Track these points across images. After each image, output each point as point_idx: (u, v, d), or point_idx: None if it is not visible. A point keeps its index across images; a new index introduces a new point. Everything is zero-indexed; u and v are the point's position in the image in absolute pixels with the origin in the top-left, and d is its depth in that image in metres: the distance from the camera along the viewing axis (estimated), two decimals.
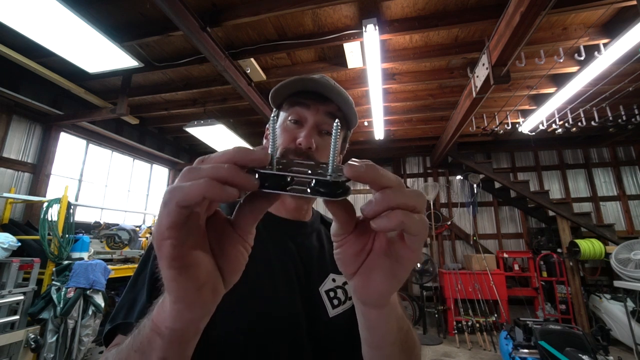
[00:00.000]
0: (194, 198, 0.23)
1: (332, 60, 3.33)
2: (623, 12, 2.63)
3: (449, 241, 5.97)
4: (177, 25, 2.32)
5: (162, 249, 0.24)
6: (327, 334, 0.54)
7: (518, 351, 2.96)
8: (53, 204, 2.91)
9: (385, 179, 0.27)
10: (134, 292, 0.52)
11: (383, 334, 0.38)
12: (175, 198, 0.23)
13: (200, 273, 0.26)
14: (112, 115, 3.60)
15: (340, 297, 0.58)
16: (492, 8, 2.54)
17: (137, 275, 0.54)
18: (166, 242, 0.24)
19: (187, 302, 0.26)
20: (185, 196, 0.23)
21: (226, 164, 0.24)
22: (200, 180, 0.23)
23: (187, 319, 0.27)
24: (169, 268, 0.25)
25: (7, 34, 2.62)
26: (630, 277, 3.62)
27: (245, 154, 0.25)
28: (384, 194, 0.26)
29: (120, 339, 0.48)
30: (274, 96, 0.65)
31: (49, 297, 2.59)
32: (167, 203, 0.23)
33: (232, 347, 0.49)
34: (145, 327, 0.31)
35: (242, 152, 0.25)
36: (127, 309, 0.49)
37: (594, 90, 3.36)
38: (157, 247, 0.25)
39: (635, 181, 5.48)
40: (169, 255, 0.24)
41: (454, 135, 4.45)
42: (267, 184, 0.26)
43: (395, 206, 0.26)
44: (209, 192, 0.23)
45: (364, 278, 0.31)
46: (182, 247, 0.24)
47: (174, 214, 0.23)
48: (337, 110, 0.63)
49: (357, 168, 0.26)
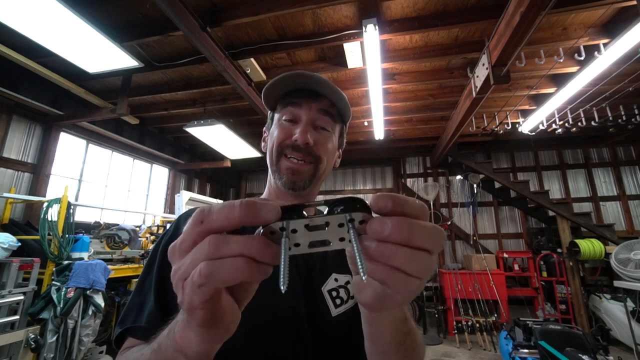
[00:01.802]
0: (233, 282, 0.23)
1: (332, 60, 3.33)
2: (623, 12, 2.63)
3: (449, 241, 5.97)
4: (177, 25, 2.32)
5: (194, 316, 0.25)
6: (330, 333, 0.54)
7: (518, 351, 2.96)
8: (53, 204, 2.91)
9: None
10: (141, 296, 0.53)
11: (380, 330, 0.39)
12: (213, 283, 0.22)
13: (226, 320, 0.27)
14: (112, 115, 3.60)
15: (342, 297, 0.58)
16: (492, 8, 2.54)
17: (142, 280, 0.55)
18: (199, 312, 0.24)
19: (214, 340, 0.28)
20: (225, 281, 0.22)
21: (253, 237, 0.23)
22: (237, 262, 0.22)
23: (212, 347, 0.29)
24: (199, 327, 0.26)
25: (7, 34, 2.62)
26: (630, 277, 3.62)
27: (257, 213, 0.23)
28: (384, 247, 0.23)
29: (131, 342, 0.49)
30: (267, 97, 0.65)
31: (49, 297, 2.58)
32: (202, 286, 0.23)
33: (234, 346, 0.49)
34: (169, 347, 0.31)
35: (253, 209, 0.23)
36: (136, 313, 0.50)
37: (594, 90, 3.36)
38: (188, 313, 0.26)
39: (635, 181, 5.48)
40: (201, 320, 0.25)
41: (454, 135, 4.45)
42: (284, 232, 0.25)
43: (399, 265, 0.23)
44: (248, 276, 0.23)
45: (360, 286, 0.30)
46: (213, 312, 0.25)
47: (209, 294, 0.23)
48: (330, 106, 0.63)
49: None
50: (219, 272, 0.22)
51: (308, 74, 0.60)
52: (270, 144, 0.64)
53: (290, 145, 0.60)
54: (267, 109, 0.69)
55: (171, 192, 5.82)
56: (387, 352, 0.41)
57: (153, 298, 0.51)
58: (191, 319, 0.26)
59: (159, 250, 0.57)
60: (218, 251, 0.23)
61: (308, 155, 0.60)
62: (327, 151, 0.63)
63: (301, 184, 0.61)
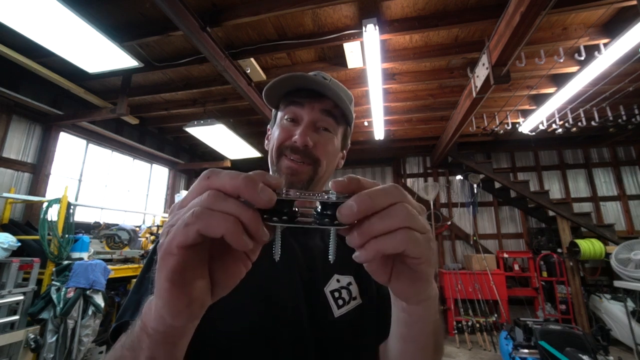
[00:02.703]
0: (216, 234, 0.23)
1: (332, 60, 3.33)
2: (623, 12, 2.63)
3: (449, 241, 5.97)
4: (177, 25, 2.32)
5: (165, 262, 0.25)
6: (332, 334, 0.54)
7: (518, 351, 2.96)
8: (53, 204, 2.91)
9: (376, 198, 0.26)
10: (139, 294, 0.52)
11: (422, 326, 0.39)
12: (198, 225, 0.23)
13: (194, 291, 0.27)
14: (112, 115, 3.60)
15: (344, 297, 0.58)
16: (492, 8, 2.54)
17: (141, 278, 0.55)
18: (172, 257, 0.25)
19: (173, 313, 0.27)
20: (209, 228, 0.23)
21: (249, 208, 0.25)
22: (227, 218, 0.24)
23: (170, 325, 0.28)
24: (166, 280, 0.25)
25: (7, 34, 2.62)
26: (630, 277, 3.62)
27: (254, 194, 0.25)
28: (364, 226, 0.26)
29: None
30: (268, 96, 0.64)
31: (49, 297, 2.58)
32: (188, 225, 0.24)
33: (236, 346, 0.49)
34: (136, 325, 0.32)
35: (252, 188, 0.25)
36: (133, 309, 0.50)
37: (594, 90, 3.36)
38: (161, 257, 0.25)
39: (635, 181, 5.48)
40: (170, 270, 0.25)
41: (454, 135, 4.45)
42: (275, 218, 0.27)
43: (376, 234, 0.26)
44: (231, 236, 0.24)
45: (397, 284, 0.31)
46: (185, 265, 0.25)
47: (191, 237, 0.24)
48: (332, 107, 0.62)
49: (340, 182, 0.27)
50: (208, 218, 0.23)
51: (314, 77, 0.60)
52: (272, 143, 0.64)
53: (290, 146, 0.60)
54: (269, 107, 0.68)
55: (171, 192, 5.82)
56: (426, 347, 0.42)
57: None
58: (161, 267, 0.25)
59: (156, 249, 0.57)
60: (215, 204, 0.24)
61: (307, 157, 0.60)
62: (327, 153, 0.62)
63: (299, 185, 0.60)
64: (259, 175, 0.26)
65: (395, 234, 0.25)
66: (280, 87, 0.62)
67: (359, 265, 0.29)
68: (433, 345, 0.42)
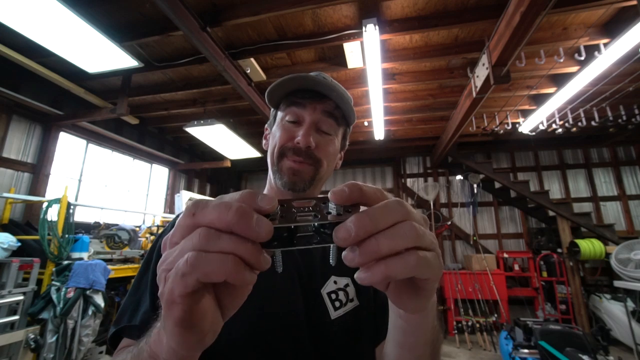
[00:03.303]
0: (218, 280, 0.22)
1: (332, 60, 3.33)
2: (623, 12, 2.63)
3: (449, 241, 5.97)
4: (177, 25, 2.32)
5: (172, 312, 0.24)
6: (329, 335, 0.54)
7: (518, 351, 2.96)
8: (53, 204, 2.91)
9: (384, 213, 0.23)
10: (137, 295, 0.53)
11: (419, 335, 0.38)
12: (196, 274, 0.22)
13: (205, 326, 0.25)
14: (112, 115, 3.60)
15: (341, 299, 0.58)
16: (492, 8, 2.54)
17: (139, 279, 0.55)
18: (177, 306, 0.23)
19: (187, 347, 0.26)
20: (208, 275, 0.22)
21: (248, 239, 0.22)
22: (225, 259, 0.22)
23: (184, 356, 0.27)
24: (175, 326, 0.24)
25: (7, 34, 2.62)
26: (630, 277, 3.62)
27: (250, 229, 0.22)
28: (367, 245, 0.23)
29: (126, 342, 0.49)
30: (271, 96, 0.64)
31: (49, 297, 2.58)
32: (186, 275, 0.22)
33: (234, 348, 0.48)
34: (144, 352, 0.31)
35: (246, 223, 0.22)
36: (131, 313, 0.50)
37: (594, 90, 3.36)
38: (166, 307, 0.24)
39: (635, 181, 5.48)
40: (178, 318, 0.23)
41: (454, 135, 4.45)
42: (275, 242, 0.25)
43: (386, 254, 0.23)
44: (233, 277, 0.22)
45: (395, 293, 0.29)
46: (191, 310, 0.24)
47: (191, 286, 0.22)
48: (334, 109, 0.62)
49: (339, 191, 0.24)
50: (205, 264, 0.21)
51: (316, 77, 0.60)
52: (272, 144, 0.63)
53: (292, 147, 0.60)
54: (269, 106, 0.68)
55: (171, 192, 5.82)
56: (423, 356, 0.41)
57: (149, 300, 0.50)
58: (168, 316, 0.24)
59: (155, 249, 0.57)
60: (208, 244, 0.22)
61: (309, 158, 0.60)
62: (328, 154, 0.63)
63: (301, 185, 0.60)
64: (249, 201, 0.23)
65: (405, 257, 0.23)
66: (283, 88, 0.62)
67: None
68: (430, 353, 0.42)
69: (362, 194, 0.24)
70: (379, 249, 0.22)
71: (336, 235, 0.23)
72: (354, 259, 0.23)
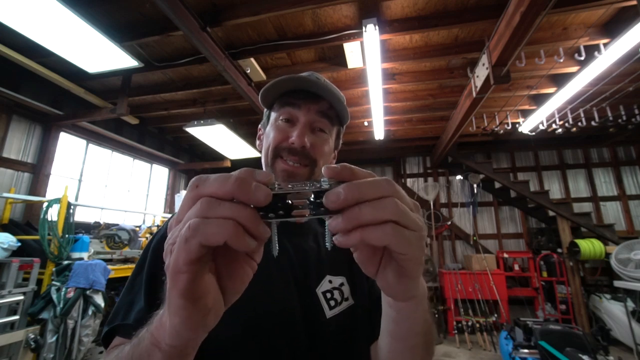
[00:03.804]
0: (218, 242, 0.23)
1: (332, 60, 3.33)
2: (623, 12, 2.63)
3: (449, 241, 5.97)
4: (177, 25, 2.32)
5: (177, 282, 0.25)
6: (324, 335, 0.54)
7: (518, 351, 2.96)
8: (53, 204, 2.91)
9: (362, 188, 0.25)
10: (132, 294, 0.52)
11: (410, 325, 0.39)
12: (199, 237, 0.23)
13: (208, 302, 0.27)
14: (112, 115, 3.60)
15: (336, 298, 0.58)
16: (492, 8, 2.54)
17: (134, 278, 0.55)
18: (182, 275, 0.25)
19: (191, 327, 0.27)
20: (210, 238, 0.23)
21: (245, 207, 0.24)
22: (226, 223, 0.23)
23: (187, 338, 0.28)
24: (180, 298, 0.25)
25: (7, 34, 2.62)
26: (630, 277, 3.62)
27: (249, 193, 0.24)
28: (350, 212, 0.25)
29: (119, 340, 0.49)
30: (264, 97, 0.64)
31: (49, 297, 2.58)
32: (189, 239, 0.23)
33: (229, 348, 0.49)
34: (145, 339, 0.31)
35: (245, 189, 0.24)
36: (125, 311, 0.50)
37: (594, 90, 3.36)
38: (171, 278, 0.25)
39: (635, 181, 5.48)
40: (183, 288, 0.25)
41: (454, 135, 4.45)
42: (271, 214, 0.26)
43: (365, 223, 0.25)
44: (233, 240, 0.23)
45: (383, 277, 0.31)
46: (196, 280, 0.25)
47: (195, 251, 0.23)
48: (328, 109, 0.62)
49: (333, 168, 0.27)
50: (207, 227, 0.23)
51: (310, 78, 0.60)
52: (266, 145, 0.63)
53: (287, 148, 0.59)
54: (262, 107, 0.68)
55: (171, 192, 5.82)
56: (416, 346, 0.42)
57: (143, 298, 0.50)
58: (173, 287, 0.25)
59: (149, 249, 0.56)
60: (210, 211, 0.24)
61: (304, 158, 0.60)
62: (323, 154, 0.63)
63: None
64: (248, 173, 0.25)
65: (382, 227, 0.25)
66: (277, 89, 0.62)
67: (351, 266, 0.29)
68: (422, 345, 0.43)
69: (353, 173, 0.27)
70: (360, 216, 0.24)
71: (327, 198, 0.25)
72: (337, 225, 0.25)
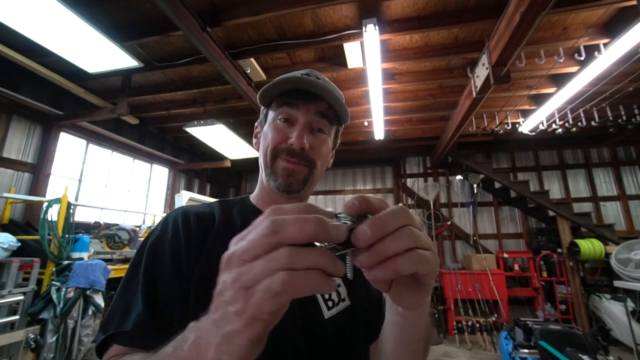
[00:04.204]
0: (307, 293, 0.24)
1: (332, 60, 3.33)
2: (623, 12, 2.63)
3: (449, 241, 5.97)
4: (177, 25, 2.32)
5: (252, 327, 0.24)
6: (323, 335, 0.54)
7: (518, 351, 2.96)
8: (53, 204, 2.91)
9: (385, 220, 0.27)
10: (127, 297, 0.49)
11: (414, 330, 0.42)
12: (290, 293, 0.23)
13: (264, 339, 0.27)
14: (112, 115, 3.60)
15: (334, 299, 0.58)
16: (492, 8, 2.54)
17: (128, 280, 0.51)
18: (260, 323, 0.24)
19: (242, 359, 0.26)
20: (300, 291, 0.23)
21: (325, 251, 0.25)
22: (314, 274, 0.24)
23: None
24: (249, 341, 0.25)
25: (7, 34, 2.62)
26: (630, 277, 3.62)
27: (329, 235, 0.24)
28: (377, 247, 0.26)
29: (117, 349, 0.45)
30: (263, 96, 0.63)
31: (49, 297, 2.58)
32: (279, 294, 0.23)
33: None
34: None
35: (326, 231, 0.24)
36: (121, 317, 0.46)
37: (594, 90, 3.36)
38: (246, 322, 0.24)
39: (635, 181, 5.48)
40: (258, 334, 0.25)
41: (454, 135, 4.45)
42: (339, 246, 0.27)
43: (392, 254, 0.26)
44: (320, 288, 0.24)
45: (397, 292, 0.33)
46: (271, 326, 0.26)
47: (282, 303, 0.24)
48: (327, 109, 0.61)
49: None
50: (298, 283, 0.23)
51: (309, 79, 0.59)
52: (264, 144, 0.62)
53: (286, 149, 0.59)
54: (260, 105, 0.67)
55: (171, 192, 5.82)
56: (418, 350, 0.44)
57: (141, 300, 0.47)
58: (244, 331, 0.25)
59: (145, 249, 0.53)
60: (296, 262, 0.23)
61: (303, 159, 0.60)
62: (321, 155, 0.62)
63: (296, 186, 0.60)
64: (318, 212, 0.26)
65: (409, 255, 0.27)
66: (276, 89, 0.61)
67: None
68: (424, 349, 0.45)
69: (370, 205, 0.28)
70: (387, 250, 0.26)
71: (355, 237, 0.26)
72: (364, 261, 0.26)
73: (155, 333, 0.44)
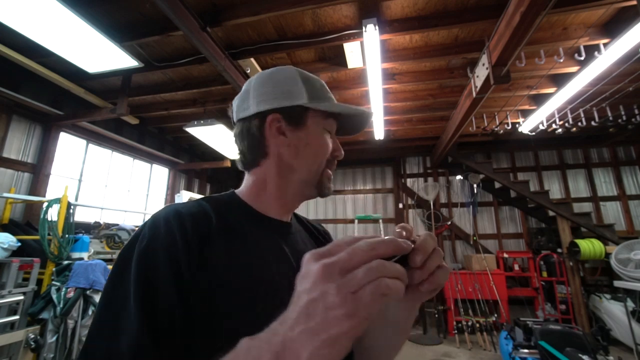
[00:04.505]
0: (398, 295, 0.29)
1: (332, 60, 3.33)
2: (623, 12, 2.63)
3: (449, 241, 5.97)
4: (177, 25, 2.32)
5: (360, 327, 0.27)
6: None
7: (518, 351, 2.96)
8: (53, 204, 2.91)
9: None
10: (112, 310, 0.41)
11: (411, 319, 0.50)
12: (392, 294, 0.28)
13: None
14: (112, 115, 3.60)
15: None
16: (492, 8, 2.54)
17: (110, 291, 0.43)
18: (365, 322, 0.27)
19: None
20: (397, 293, 0.29)
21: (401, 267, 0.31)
22: (398, 280, 0.29)
23: None
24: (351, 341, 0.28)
25: (7, 34, 2.62)
26: (630, 277, 3.62)
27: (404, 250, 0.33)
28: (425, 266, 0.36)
29: None
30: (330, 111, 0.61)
31: (49, 297, 2.58)
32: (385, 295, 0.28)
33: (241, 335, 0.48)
34: None
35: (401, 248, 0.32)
36: (109, 333, 0.39)
37: (594, 90, 3.36)
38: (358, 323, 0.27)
39: (635, 181, 5.48)
40: (359, 333, 0.28)
41: (454, 135, 4.45)
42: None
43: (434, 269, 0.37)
44: (402, 292, 0.29)
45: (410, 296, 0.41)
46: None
47: (383, 304, 0.28)
48: None
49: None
50: (394, 286, 0.29)
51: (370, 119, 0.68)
52: (314, 153, 0.60)
53: (333, 159, 0.64)
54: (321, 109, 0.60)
55: (171, 192, 5.82)
56: (406, 337, 0.54)
57: (135, 314, 0.39)
58: (351, 331, 0.27)
59: (133, 256, 0.44)
60: (389, 272, 0.29)
61: None
62: None
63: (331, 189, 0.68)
64: (394, 235, 0.36)
65: (443, 270, 0.37)
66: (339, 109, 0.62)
67: None
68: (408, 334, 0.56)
69: (410, 233, 0.38)
70: (431, 268, 0.36)
71: (413, 259, 0.35)
72: (415, 279, 0.36)
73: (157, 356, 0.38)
